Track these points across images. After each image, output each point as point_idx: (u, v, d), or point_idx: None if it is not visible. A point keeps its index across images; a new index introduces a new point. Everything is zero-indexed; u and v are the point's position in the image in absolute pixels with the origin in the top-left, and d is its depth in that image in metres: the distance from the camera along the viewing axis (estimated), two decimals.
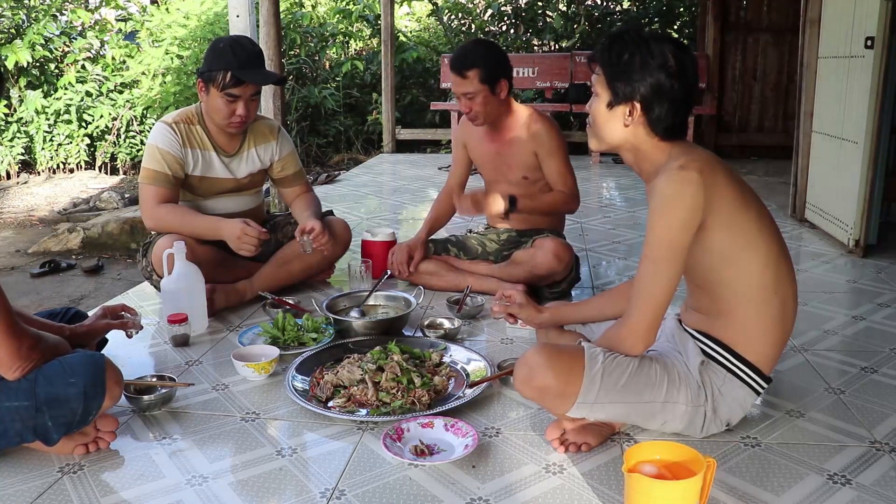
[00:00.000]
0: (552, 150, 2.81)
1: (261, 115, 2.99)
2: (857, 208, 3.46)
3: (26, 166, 7.96)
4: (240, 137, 2.83)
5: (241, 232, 2.55)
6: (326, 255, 2.92)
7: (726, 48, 6.93)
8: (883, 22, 3.26)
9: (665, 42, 1.66)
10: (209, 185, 2.80)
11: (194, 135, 2.74)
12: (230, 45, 2.62)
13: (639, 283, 1.67)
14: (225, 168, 2.80)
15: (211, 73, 2.61)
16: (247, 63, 2.60)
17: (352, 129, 8.31)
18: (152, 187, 2.67)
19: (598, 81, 1.72)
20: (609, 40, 1.70)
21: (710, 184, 1.62)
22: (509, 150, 2.88)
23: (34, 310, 3.07)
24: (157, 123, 2.75)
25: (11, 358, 1.58)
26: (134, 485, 1.67)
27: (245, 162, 2.84)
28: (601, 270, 3.39)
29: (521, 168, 2.89)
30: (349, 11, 8.72)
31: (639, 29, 1.70)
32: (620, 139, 1.72)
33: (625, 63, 1.65)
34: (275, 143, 2.90)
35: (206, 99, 2.68)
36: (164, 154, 2.67)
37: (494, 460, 1.75)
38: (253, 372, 2.16)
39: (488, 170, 3.01)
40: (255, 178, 2.91)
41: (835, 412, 1.97)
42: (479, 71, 2.71)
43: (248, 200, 2.93)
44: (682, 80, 1.65)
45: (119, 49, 8.02)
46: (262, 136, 2.87)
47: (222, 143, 2.79)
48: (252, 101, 2.68)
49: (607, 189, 5.60)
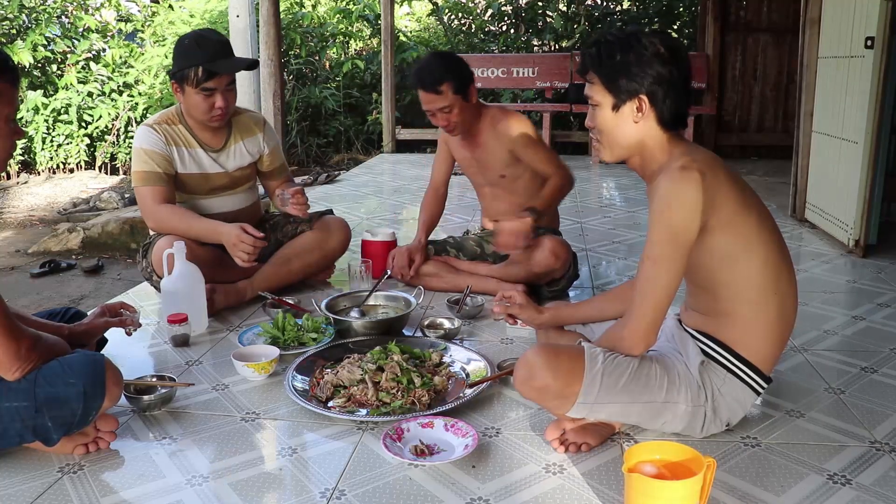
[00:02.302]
0: (527, 141, 2.83)
1: (244, 109, 3.00)
2: (857, 208, 3.47)
3: (26, 166, 7.96)
4: (224, 132, 2.83)
5: (236, 238, 2.54)
6: (323, 252, 2.93)
7: (726, 48, 6.93)
8: (883, 22, 3.26)
9: (649, 33, 1.67)
10: (201, 182, 2.80)
11: (177, 134, 2.75)
12: (195, 41, 2.64)
13: (640, 284, 1.66)
14: (214, 163, 2.80)
15: (182, 72, 2.62)
16: (214, 55, 2.61)
17: (352, 129, 8.31)
18: (147, 188, 2.67)
19: (594, 90, 1.71)
20: (595, 47, 1.70)
21: (712, 184, 1.62)
22: (483, 152, 2.92)
23: (34, 310, 3.07)
24: (139, 128, 2.76)
25: (11, 359, 1.58)
26: (134, 485, 1.67)
27: (233, 156, 2.85)
28: (601, 270, 3.39)
29: (497, 168, 2.92)
30: (349, 11, 8.72)
31: (619, 29, 1.70)
32: (634, 139, 1.70)
33: (620, 62, 1.65)
34: (261, 135, 2.92)
35: (182, 99, 2.69)
36: (150, 154, 2.67)
37: (494, 460, 1.75)
38: (253, 372, 2.16)
39: (471, 173, 3.08)
40: (245, 172, 2.91)
41: (835, 412, 1.97)
42: (451, 83, 2.73)
43: (242, 198, 2.93)
44: (678, 64, 1.65)
45: (119, 49, 8.02)
46: (247, 129, 2.89)
47: (207, 139, 2.79)
48: (229, 91, 2.68)
49: (607, 189, 5.60)
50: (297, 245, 2.92)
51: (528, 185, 2.94)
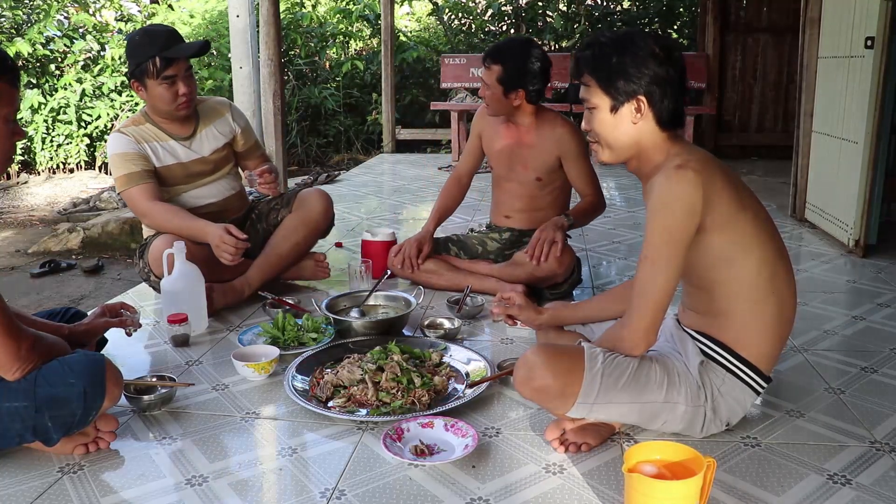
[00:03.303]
0: (579, 153, 2.82)
1: (206, 97, 3.01)
2: (857, 208, 3.47)
3: (26, 166, 7.96)
4: (193, 121, 2.84)
5: (219, 239, 2.55)
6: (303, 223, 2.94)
7: (726, 48, 6.93)
8: (883, 22, 3.26)
9: (642, 34, 1.68)
10: (180, 172, 2.80)
11: (146, 132, 2.76)
12: (145, 35, 2.68)
13: (639, 284, 1.66)
14: (188, 150, 2.81)
15: (140, 67, 2.64)
16: (166, 43, 2.64)
17: (352, 129, 8.31)
18: (134, 188, 2.68)
19: (590, 93, 1.71)
20: (590, 50, 1.70)
21: (708, 183, 1.62)
22: (528, 149, 2.88)
23: (34, 310, 3.07)
24: (109, 136, 2.79)
25: (11, 359, 1.58)
26: (134, 485, 1.67)
27: (206, 139, 2.86)
28: (601, 270, 3.39)
29: (536, 169, 2.89)
30: (349, 11, 8.72)
31: (611, 30, 1.71)
32: (633, 140, 1.71)
33: (617, 64, 1.65)
34: (229, 115, 2.94)
35: (147, 95, 2.71)
36: (125, 156, 2.69)
37: (494, 460, 1.75)
38: (253, 372, 2.16)
39: (501, 165, 2.99)
40: (222, 154, 2.91)
41: (835, 412, 1.97)
42: (500, 70, 2.73)
43: (225, 185, 2.94)
44: (674, 64, 1.66)
45: (119, 49, 8.01)
46: (213, 112, 2.91)
47: (176, 130, 2.80)
48: (188, 77, 2.71)
49: (607, 189, 5.60)
50: (282, 230, 2.94)
51: (555, 195, 2.94)
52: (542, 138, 2.85)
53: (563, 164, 2.86)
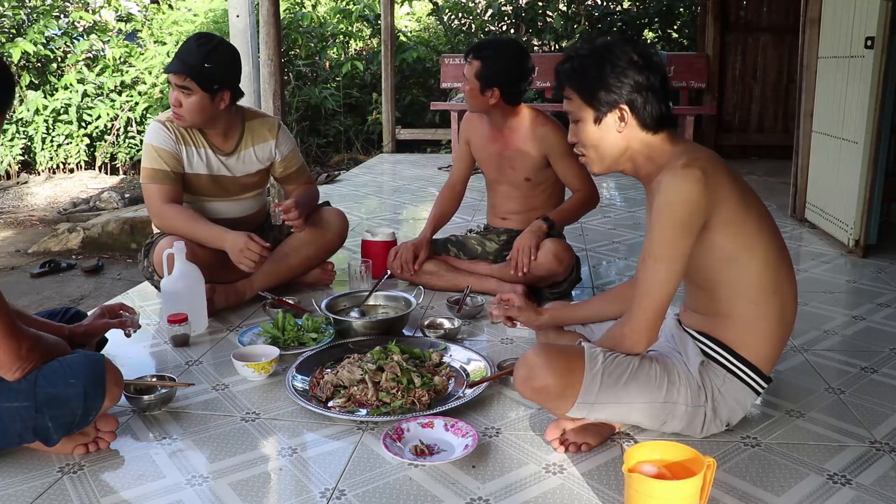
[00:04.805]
0: (564, 150, 2.80)
1: (261, 113, 2.98)
2: (857, 208, 3.47)
3: (26, 166, 7.96)
4: (237, 136, 2.80)
5: (243, 245, 2.53)
6: (311, 240, 2.90)
7: (726, 48, 6.92)
8: (883, 22, 3.26)
9: (619, 42, 1.68)
10: (208, 184, 2.78)
11: (189, 132, 2.73)
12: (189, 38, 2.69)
13: (640, 282, 1.67)
14: (222, 166, 2.78)
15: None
16: (174, 57, 2.63)
17: (352, 129, 8.31)
18: (154, 185, 2.66)
19: (573, 105, 1.72)
20: (569, 63, 1.71)
21: (714, 183, 1.62)
22: (514, 151, 2.88)
23: (34, 310, 3.06)
24: (152, 122, 2.75)
25: (11, 359, 1.58)
26: (134, 485, 1.67)
27: (242, 161, 2.82)
28: (601, 270, 3.39)
29: (524, 170, 2.89)
30: (349, 11, 8.72)
31: (589, 41, 1.72)
32: (620, 148, 1.72)
33: (596, 76, 1.66)
34: (273, 141, 2.87)
35: None
36: (159, 151, 2.67)
37: (494, 460, 1.75)
38: (253, 372, 2.16)
39: (490, 169, 3.00)
40: (254, 180, 2.88)
41: (835, 412, 1.97)
42: (480, 65, 2.73)
43: (250, 204, 2.92)
44: (653, 69, 1.66)
45: (119, 49, 8.02)
46: (259, 135, 2.85)
47: (218, 142, 2.77)
48: (179, 89, 2.59)
49: (607, 189, 5.60)
50: (294, 240, 2.90)
51: (547, 193, 2.94)
52: (527, 139, 2.85)
53: (550, 163, 2.86)
